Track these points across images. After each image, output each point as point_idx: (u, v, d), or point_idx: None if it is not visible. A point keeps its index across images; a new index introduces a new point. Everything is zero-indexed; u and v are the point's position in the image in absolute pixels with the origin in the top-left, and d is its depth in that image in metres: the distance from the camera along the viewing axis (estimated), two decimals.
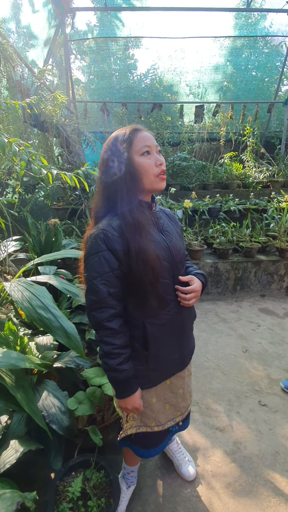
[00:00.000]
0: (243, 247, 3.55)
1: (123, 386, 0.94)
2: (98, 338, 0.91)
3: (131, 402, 0.96)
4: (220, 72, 7.29)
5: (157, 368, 1.02)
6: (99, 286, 0.86)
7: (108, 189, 0.92)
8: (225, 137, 5.94)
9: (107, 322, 0.88)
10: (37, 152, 4.10)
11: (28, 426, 1.40)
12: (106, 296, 0.87)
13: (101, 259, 0.86)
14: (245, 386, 2.06)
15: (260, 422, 1.76)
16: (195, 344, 2.52)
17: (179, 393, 1.15)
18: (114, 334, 0.89)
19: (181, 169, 5.31)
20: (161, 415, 1.10)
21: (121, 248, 0.86)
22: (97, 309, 0.88)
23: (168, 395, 1.12)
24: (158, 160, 0.92)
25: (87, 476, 1.30)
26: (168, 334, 1.00)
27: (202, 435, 1.68)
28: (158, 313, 0.95)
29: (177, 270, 1.00)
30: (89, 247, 0.89)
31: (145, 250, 0.86)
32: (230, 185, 5.25)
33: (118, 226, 0.88)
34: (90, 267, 0.88)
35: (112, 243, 0.86)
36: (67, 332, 1.47)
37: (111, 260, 0.86)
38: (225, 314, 3.12)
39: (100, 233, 0.87)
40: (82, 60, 7.68)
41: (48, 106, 3.32)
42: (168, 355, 1.03)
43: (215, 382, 2.10)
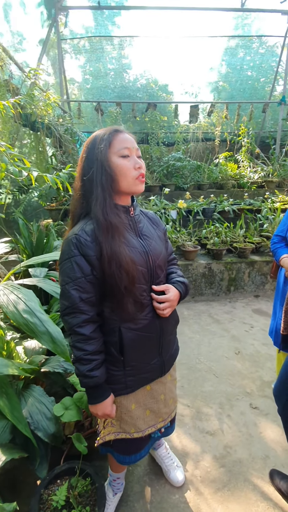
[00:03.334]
0: (237, 247, 3.54)
1: (93, 392, 0.93)
2: (71, 343, 0.90)
3: (101, 409, 0.95)
4: (215, 72, 7.28)
5: (135, 373, 1.00)
6: (71, 292, 0.85)
7: (84, 188, 0.90)
8: (220, 137, 5.93)
9: (79, 327, 0.87)
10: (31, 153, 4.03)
11: (13, 433, 1.37)
12: (78, 301, 0.86)
13: (73, 264, 0.85)
14: (237, 388, 2.05)
15: (251, 425, 1.75)
16: (188, 346, 2.52)
17: (160, 399, 1.12)
18: (86, 340, 0.88)
19: (175, 169, 5.29)
20: (141, 422, 1.07)
21: (93, 254, 0.85)
22: (69, 314, 0.87)
23: (149, 401, 1.09)
24: (137, 163, 0.90)
25: (72, 484, 1.28)
26: (145, 339, 0.98)
27: (192, 439, 1.66)
28: (134, 318, 0.93)
29: (155, 275, 0.98)
30: (62, 252, 0.89)
31: (118, 253, 0.84)
32: (225, 185, 5.24)
33: (91, 230, 0.86)
34: (63, 272, 0.88)
35: (84, 248, 0.84)
36: (53, 337, 1.44)
37: (84, 265, 0.85)
38: (218, 315, 3.10)
39: (73, 238, 0.85)
40: (78, 60, 7.64)
41: (39, 106, 3.28)
42: (146, 360, 1.01)
43: (207, 384, 2.09)
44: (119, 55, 7.04)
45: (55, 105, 3.71)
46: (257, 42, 7.22)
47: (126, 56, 7.23)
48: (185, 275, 3.39)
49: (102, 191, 0.86)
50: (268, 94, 6.77)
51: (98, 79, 7.09)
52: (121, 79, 7.02)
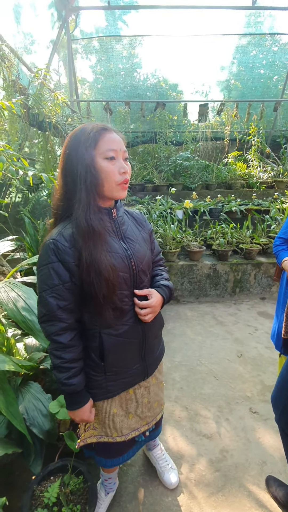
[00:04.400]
0: (243, 248, 3.48)
1: (71, 399, 0.92)
2: (49, 350, 0.88)
3: (79, 414, 0.94)
4: (227, 70, 7.18)
5: (116, 378, 0.98)
6: (48, 299, 0.82)
7: (66, 187, 0.84)
8: (229, 136, 5.84)
9: (56, 336, 0.84)
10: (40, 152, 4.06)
11: (9, 429, 1.40)
12: (55, 309, 0.82)
13: (50, 271, 0.81)
14: (237, 392, 2.02)
15: (250, 430, 1.72)
16: (190, 347, 2.51)
17: (143, 402, 1.11)
18: (64, 348, 0.86)
19: (183, 169, 5.26)
20: (124, 426, 1.06)
21: (72, 260, 0.81)
22: (47, 322, 0.84)
23: (132, 405, 1.08)
24: (122, 168, 0.84)
25: (65, 481, 1.28)
26: (126, 344, 0.95)
27: (188, 441, 1.65)
28: (115, 323, 0.91)
29: (139, 280, 0.95)
30: (39, 257, 0.84)
31: (99, 261, 0.80)
32: (234, 185, 5.16)
33: (70, 235, 0.81)
34: (40, 278, 0.84)
35: (62, 255, 0.80)
36: None
37: (62, 272, 0.81)
38: (222, 317, 3.07)
39: (51, 243, 0.81)
40: (89, 60, 7.69)
41: (47, 106, 3.31)
42: (128, 366, 1.00)
43: (207, 387, 2.06)
44: (129, 54, 7.04)
45: (64, 105, 3.74)
46: (269, 40, 7.08)
47: (136, 56, 7.23)
48: (190, 275, 3.37)
49: (86, 194, 0.81)
50: (281, 93, 6.62)
51: (109, 78, 7.11)
52: (131, 79, 7.02)
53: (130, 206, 4.23)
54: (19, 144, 4.83)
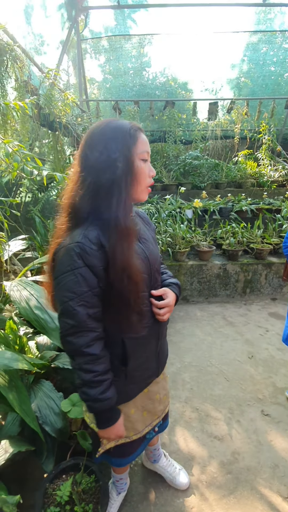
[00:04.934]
0: (253, 248, 3.44)
1: (106, 416, 0.85)
2: (76, 366, 0.79)
3: (114, 431, 0.87)
4: (237, 68, 7.10)
5: (135, 381, 0.98)
6: (76, 309, 0.74)
7: (100, 188, 0.76)
8: (239, 135, 5.77)
9: (87, 348, 0.77)
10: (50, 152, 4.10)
11: (21, 426, 1.41)
12: (85, 319, 0.76)
13: (77, 277, 0.74)
14: (248, 393, 1.99)
15: (261, 432, 1.69)
16: (200, 348, 2.50)
17: (156, 398, 1.12)
18: (96, 360, 0.78)
19: (193, 168, 5.22)
20: (139, 423, 1.06)
21: (100, 264, 0.75)
22: (75, 334, 0.76)
23: (146, 403, 1.08)
24: (151, 171, 0.84)
25: (77, 480, 1.29)
26: (146, 345, 0.95)
27: (199, 443, 1.63)
28: (137, 327, 0.88)
29: (154, 280, 0.94)
30: (60, 263, 0.76)
31: (131, 264, 0.77)
32: (244, 184, 5.10)
33: (96, 238, 0.75)
34: (64, 286, 0.75)
35: (90, 258, 0.74)
36: None
37: (90, 277, 0.75)
38: (232, 318, 3.03)
39: (75, 247, 0.74)
40: (98, 60, 7.71)
41: (58, 106, 3.34)
42: (146, 366, 0.99)
43: (217, 388, 2.05)
44: (139, 53, 7.03)
45: (74, 104, 3.76)
46: (280, 37, 6.97)
47: (145, 54, 7.22)
48: (199, 275, 3.34)
49: (126, 195, 0.76)
50: None
51: (118, 78, 7.12)
52: (140, 78, 7.01)
53: (139, 205, 4.22)
54: (30, 144, 4.89)
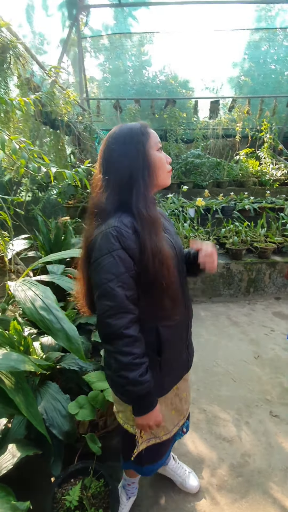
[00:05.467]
0: (257, 247, 3.41)
1: (145, 401, 0.85)
2: (114, 349, 0.80)
3: (153, 417, 0.87)
4: (238, 66, 7.07)
5: (170, 373, 0.99)
6: (116, 289, 0.77)
7: (121, 184, 0.84)
8: (241, 133, 5.75)
9: (126, 329, 0.79)
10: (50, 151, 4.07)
11: (28, 429, 1.38)
12: (124, 299, 0.78)
13: (115, 258, 0.78)
14: (256, 394, 1.96)
15: (271, 434, 1.67)
16: (205, 348, 2.48)
17: (183, 396, 1.13)
18: (134, 342, 0.81)
19: (194, 167, 5.19)
20: (169, 423, 1.06)
21: (136, 246, 0.79)
22: (114, 316, 0.78)
23: (175, 401, 1.09)
24: (167, 157, 0.93)
25: (86, 484, 1.26)
26: (179, 335, 0.98)
27: (208, 445, 1.61)
28: (171, 314, 0.90)
29: (182, 268, 0.99)
30: (99, 247, 0.80)
31: (162, 249, 0.82)
32: (246, 183, 5.07)
33: (130, 222, 0.81)
34: (103, 268, 0.79)
35: (126, 241, 0.79)
36: (68, 335, 1.43)
37: (126, 259, 0.79)
38: (237, 317, 3.01)
39: (112, 230, 0.79)
40: (97, 58, 7.67)
41: (59, 104, 3.30)
42: (179, 357, 1.02)
43: (224, 389, 2.02)
44: (139, 52, 7.00)
45: (75, 103, 3.73)
46: (281, 35, 6.94)
47: (145, 53, 7.18)
48: (203, 274, 3.32)
49: (144, 185, 0.83)
50: None
51: (118, 76, 7.08)
52: (140, 76, 6.98)
53: None
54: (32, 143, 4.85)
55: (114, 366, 0.81)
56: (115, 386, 0.93)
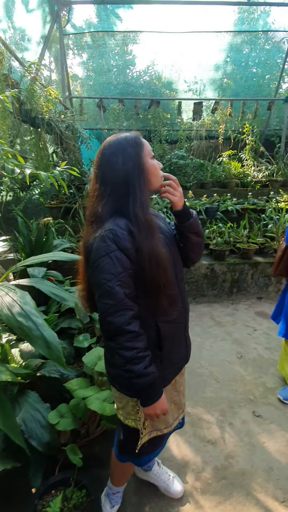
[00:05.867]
0: (240, 248, 3.46)
1: (151, 391, 0.89)
2: (117, 346, 0.84)
3: (159, 406, 0.91)
4: (220, 68, 7.16)
5: (170, 365, 1.03)
6: (115, 288, 0.82)
7: (118, 192, 0.89)
8: (223, 135, 5.82)
9: (127, 325, 0.83)
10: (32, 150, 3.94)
11: (6, 442, 1.32)
12: (123, 297, 0.83)
13: (113, 259, 0.83)
14: (239, 395, 1.98)
15: (254, 434, 1.68)
16: None
17: (181, 390, 1.17)
18: (137, 337, 0.85)
19: (178, 168, 5.21)
20: (169, 416, 1.09)
21: (131, 246, 0.84)
22: (115, 313, 0.83)
23: (174, 394, 1.12)
24: (159, 164, 0.98)
25: (68, 495, 1.22)
26: (177, 329, 1.03)
27: (192, 448, 1.60)
28: (169, 310, 0.94)
29: (179, 268, 1.04)
30: (96, 250, 0.85)
31: (158, 252, 0.86)
32: (229, 184, 5.14)
33: (125, 224, 0.86)
34: (102, 269, 0.84)
35: (122, 242, 0.83)
36: (48, 342, 1.38)
37: (123, 259, 0.84)
38: (220, 318, 3.04)
39: (108, 233, 0.84)
40: (81, 57, 7.55)
41: (40, 102, 3.21)
42: (178, 350, 1.06)
43: (208, 390, 2.03)
44: (122, 51, 6.94)
45: (56, 101, 3.64)
46: (263, 38, 7.09)
47: (129, 52, 7.13)
48: (187, 276, 3.33)
49: (140, 192, 0.88)
50: (274, 92, 6.65)
51: (101, 75, 6.99)
52: (124, 76, 6.93)
53: None
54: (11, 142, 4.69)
55: (118, 361, 0.84)
56: (120, 382, 0.95)
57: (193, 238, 1.06)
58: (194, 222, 1.06)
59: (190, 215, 1.05)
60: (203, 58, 6.80)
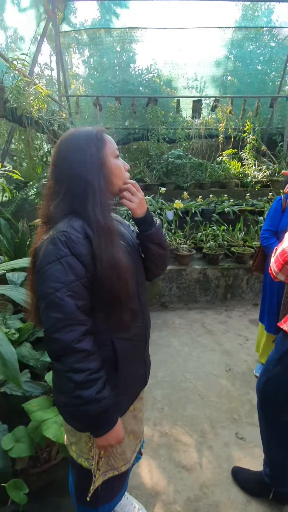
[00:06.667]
0: (234, 252, 3.31)
1: (104, 418, 0.76)
2: (66, 368, 0.71)
3: (115, 435, 0.79)
4: (222, 65, 6.96)
5: (127, 391, 0.91)
6: (65, 299, 0.70)
7: (75, 192, 0.78)
8: (224, 134, 5.65)
9: (78, 343, 0.71)
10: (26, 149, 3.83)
11: None
12: (74, 310, 0.71)
13: (64, 265, 0.71)
14: (223, 413, 1.84)
15: (235, 460, 1.55)
16: (175, 360, 2.36)
17: (139, 417, 1.04)
18: (88, 356, 0.72)
19: (175, 167, 5.06)
20: (127, 449, 0.96)
21: (87, 252, 0.73)
22: (63, 329, 0.70)
23: (131, 423, 0.99)
24: (125, 164, 0.89)
25: None
26: (136, 348, 0.92)
27: (165, 475, 1.47)
28: (129, 325, 0.84)
29: (141, 275, 0.95)
30: (45, 254, 0.73)
31: (119, 261, 0.76)
32: (228, 184, 4.98)
33: (81, 227, 0.75)
34: (50, 277, 0.71)
35: (76, 247, 0.72)
36: (4, 359, 1.28)
37: (77, 266, 0.72)
38: (212, 325, 2.89)
39: (61, 236, 0.72)
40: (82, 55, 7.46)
41: (28, 100, 3.11)
42: (136, 372, 0.95)
43: (190, 407, 1.89)
44: (123, 48, 6.81)
45: (48, 99, 3.54)
46: (267, 35, 6.88)
47: (129, 50, 7.00)
48: (178, 281, 3.19)
49: (100, 193, 0.78)
50: (277, 89, 6.43)
51: (100, 73, 6.88)
52: (123, 74, 6.80)
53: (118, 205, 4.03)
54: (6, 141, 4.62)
55: (67, 387, 0.72)
56: (69, 412, 0.81)
57: (154, 249, 0.95)
58: (156, 232, 0.94)
59: (152, 224, 0.93)
60: (205, 54, 6.62)
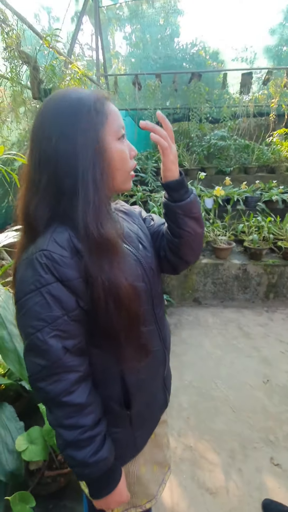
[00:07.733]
0: (281, 247, 2.94)
1: (102, 482, 0.62)
2: (54, 422, 0.58)
3: (116, 498, 0.64)
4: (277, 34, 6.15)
5: (143, 425, 0.74)
6: (48, 342, 0.53)
7: (58, 185, 0.56)
8: (276, 111, 5.02)
9: (67, 395, 0.55)
10: None
11: None
12: (61, 356, 0.54)
13: (45, 297, 0.53)
14: (257, 432, 1.64)
15: (267, 489, 1.35)
16: (205, 363, 2.18)
17: (163, 443, 0.89)
18: (81, 411, 0.57)
19: (218, 150, 4.66)
20: (152, 484, 0.82)
21: (77, 274, 0.55)
22: (49, 378, 0.55)
23: (155, 452, 0.84)
24: (132, 150, 0.65)
25: None
26: (153, 374, 0.74)
27: (186, 495, 1.34)
28: (138, 359, 0.66)
29: (155, 288, 0.72)
30: (22, 280, 0.55)
31: (119, 285, 0.56)
32: (278, 168, 4.45)
33: (68, 240, 0.55)
34: (28, 313, 0.54)
35: (62, 270, 0.53)
36: (20, 357, 1.21)
37: (64, 296, 0.54)
38: (249, 327, 2.63)
39: (39, 257, 0.53)
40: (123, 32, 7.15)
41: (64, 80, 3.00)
42: (153, 402, 0.78)
43: (219, 420, 1.71)
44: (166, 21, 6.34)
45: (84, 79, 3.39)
46: None
47: (173, 23, 6.50)
48: (214, 276, 2.94)
49: (95, 189, 0.56)
50: None
51: (142, 50, 6.53)
52: (166, 49, 6.36)
53: (154, 193, 3.83)
54: None
55: (58, 441, 0.59)
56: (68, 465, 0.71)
57: (192, 225, 0.69)
58: (195, 200, 0.69)
59: (189, 191, 0.68)
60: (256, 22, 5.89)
